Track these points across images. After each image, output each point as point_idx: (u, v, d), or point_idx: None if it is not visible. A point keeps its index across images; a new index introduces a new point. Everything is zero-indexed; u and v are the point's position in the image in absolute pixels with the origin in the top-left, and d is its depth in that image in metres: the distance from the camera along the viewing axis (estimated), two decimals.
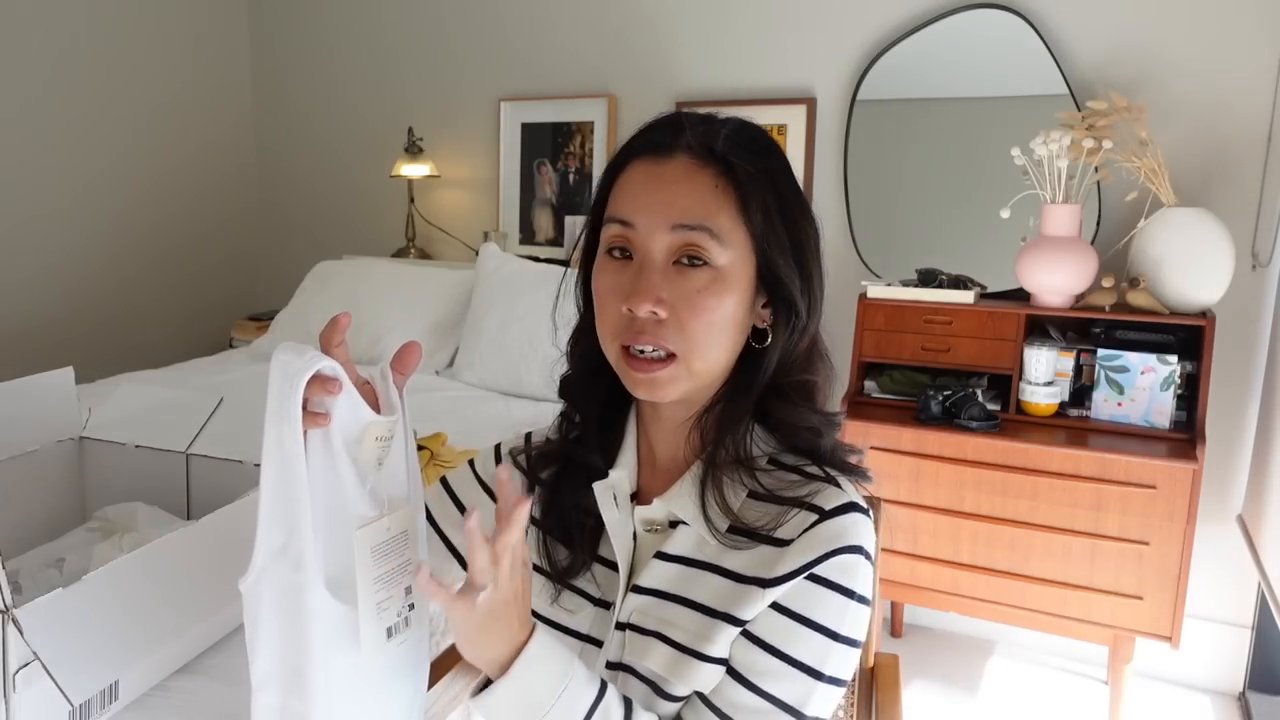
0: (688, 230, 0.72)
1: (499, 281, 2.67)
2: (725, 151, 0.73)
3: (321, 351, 0.67)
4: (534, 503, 0.88)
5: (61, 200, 3.00)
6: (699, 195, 0.73)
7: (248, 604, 0.69)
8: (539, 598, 0.84)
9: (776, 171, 0.76)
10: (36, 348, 2.93)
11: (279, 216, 3.63)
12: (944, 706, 2.23)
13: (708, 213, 0.72)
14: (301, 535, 0.66)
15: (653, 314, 0.72)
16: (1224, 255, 1.98)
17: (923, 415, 2.14)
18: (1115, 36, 2.24)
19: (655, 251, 0.73)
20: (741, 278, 0.75)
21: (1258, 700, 2.20)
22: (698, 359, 0.74)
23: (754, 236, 0.74)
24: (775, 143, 0.80)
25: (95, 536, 1.31)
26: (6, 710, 0.82)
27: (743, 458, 0.77)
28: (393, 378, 0.72)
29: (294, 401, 0.64)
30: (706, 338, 0.73)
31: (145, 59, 3.20)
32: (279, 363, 0.65)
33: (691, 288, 0.73)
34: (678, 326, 0.73)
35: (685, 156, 0.74)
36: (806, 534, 0.72)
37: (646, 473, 0.84)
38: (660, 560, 0.78)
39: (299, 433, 0.65)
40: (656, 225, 0.73)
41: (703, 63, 2.75)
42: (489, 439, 2.04)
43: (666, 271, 0.73)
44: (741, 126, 0.78)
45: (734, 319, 0.75)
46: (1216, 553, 2.25)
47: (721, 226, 0.73)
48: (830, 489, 0.75)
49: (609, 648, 0.79)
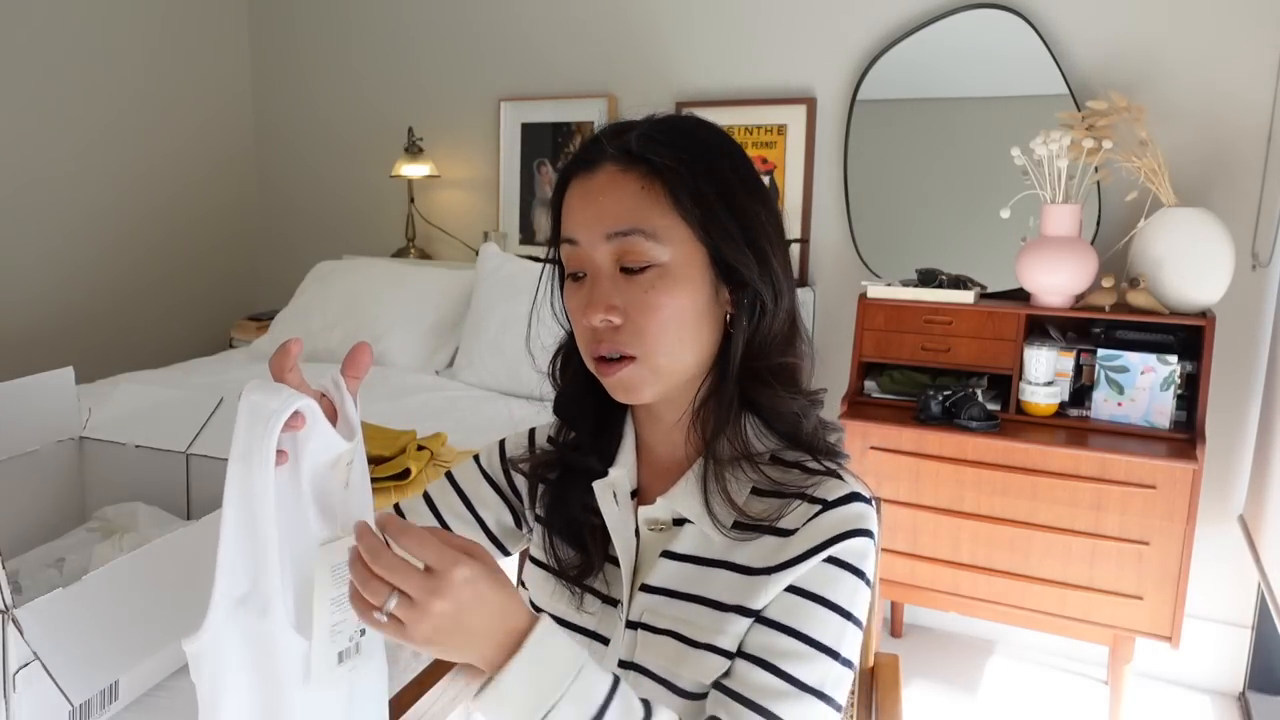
0: (621, 237, 0.74)
1: (499, 281, 2.67)
2: (642, 150, 0.75)
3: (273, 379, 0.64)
4: (540, 502, 0.88)
5: (61, 200, 3.00)
6: (626, 200, 0.74)
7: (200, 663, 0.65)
8: (557, 602, 0.84)
9: (710, 158, 0.76)
10: (36, 348, 2.93)
11: (279, 216, 3.63)
12: (944, 706, 2.23)
13: (637, 215, 0.74)
14: (269, 580, 0.64)
15: (607, 322, 0.74)
16: (1224, 255, 1.98)
17: (923, 415, 2.14)
18: (1115, 36, 2.24)
19: (600, 263, 0.75)
20: (691, 267, 0.75)
21: (1258, 700, 2.20)
22: (660, 356, 0.75)
23: (694, 226, 0.74)
24: (708, 127, 0.79)
25: (95, 536, 1.31)
26: (6, 710, 0.82)
27: (745, 453, 0.77)
28: (346, 384, 0.69)
29: (267, 444, 0.61)
30: (663, 335, 0.74)
31: (145, 59, 3.20)
32: (250, 403, 0.62)
33: (640, 290, 0.74)
34: (634, 330, 0.74)
35: (610, 165, 0.76)
36: (812, 522, 0.74)
37: (647, 472, 0.84)
38: (668, 559, 0.78)
39: (270, 476, 0.62)
40: (594, 238, 0.75)
41: (703, 63, 2.75)
42: (489, 439, 2.04)
43: (615, 279, 0.75)
44: (660, 121, 0.79)
45: (692, 312, 0.75)
46: (1216, 553, 2.25)
47: (654, 225, 0.74)
48: (832, 481, 0.76)
49: (618, 645, 0.79)
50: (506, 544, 0.93)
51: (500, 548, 0.93)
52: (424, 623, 0.59)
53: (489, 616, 0.62)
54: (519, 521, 0.93)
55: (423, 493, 0.94)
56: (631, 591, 0.79)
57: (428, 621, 0.59)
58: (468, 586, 0.60)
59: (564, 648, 0.64)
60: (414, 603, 0.59)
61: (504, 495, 0.92)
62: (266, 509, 0.62)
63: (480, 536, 0.91)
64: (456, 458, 1.80)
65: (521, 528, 0.93)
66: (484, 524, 0.91)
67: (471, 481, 0.93)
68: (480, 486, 0.92)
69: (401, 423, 1.96)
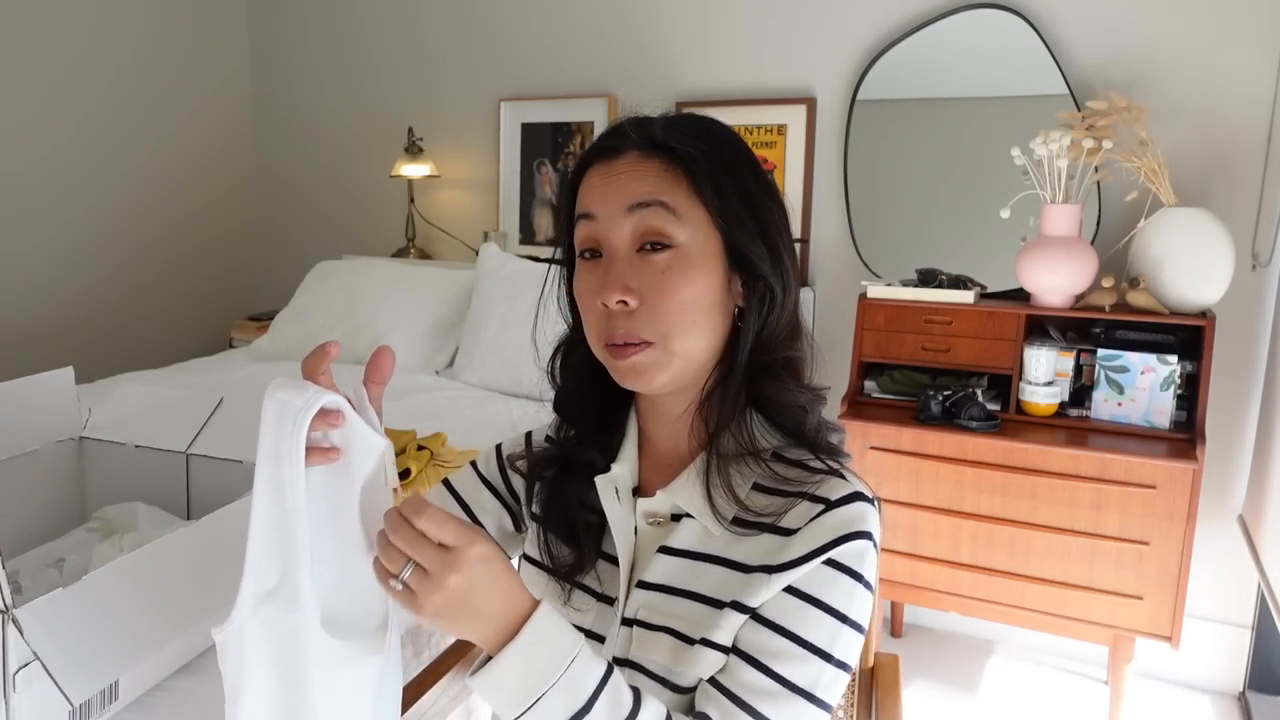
0: (644, 208, 0.75)
1: (499, 281, 2.67)
2: (666, 139, 0.77)
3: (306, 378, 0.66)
4: (536, 499, 0.88)
5: (61, 200, 3.00)
6: (650, 178, 0.76)
7: (228, 652, 0.67)
8: (548, 598, 0.84)
9: (728, 152, 0.79)
10: (36, 348, 2.93)
11: (279, 216, 3.63)
12: (944, 706, 2.23)
13: (661, 189, 0.75)
14: (298, 576, 0.65)
15: (623, 304, 0.75)
16: (1224, 255, 1.98)
17: (923, 415, 2.14)
18: (1115, 36, 2.24)
19: (618, 242, 0.76)
20: (706, 255, 0.76)
21: (1258, 700, 2.20)
22: (675, 340, 0.75)
23: (712, 213, 0.76)
24: (723, 127, 0.81)
25: (95, 536, 1.31)
26: (6, 710, 0.82)
27: (749, 448, 0.77)
28: (369, 391, 0.71)
29: (297, 440, 0.63)
30: (680, 319, 0.75)
31: (145, 59, 3.20)
32: (277, 401, 0.64)
33: (656, 271, 0.75)
34: (649, 313, 0.74)
35: (633, 152, 0.77)
36: (814, 522, 0.74)
37: (649, 468, 0.84)
38: (664, 555, 0.78)
39: (300, 472, 0.64)
40: (614, 211, 0.76)
41: (703, 63, 2.75)
42: (489, 439, 2.04)
43: (632, 260, 0.76)
44: (680, 115, 0.81)
45: (707, 299, 0.76)
46: (1216, 553, 2.25)
47: (677, 201, 0.75)
48: (835, 480, 0.76)
49: (614, 643, 0.79)
50: (507, 548, 0.94)
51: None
52: (435, 594, 0.62)
53: (497, 597, 0.64)
54: (518, 525, 0.94)
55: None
56: (628, 588, 0.79)
57: (439, 594, 0.62)
58: (481, 564, 0.63)
59: (561, 634, 0.66)
60: (428, 575, 0.62)
61: (502, 499, 0.93)
62: (298, 504, 0.64)
63: None
64: (456, 458, 1.80)
65: (520, 530, 0.94)
66: (484, 530, 0.92)
67: (471, 488, 0.94)
68: (479, 492, 0.93)
69: (401, 423, 1.96)
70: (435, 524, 0.62)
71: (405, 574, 0.62)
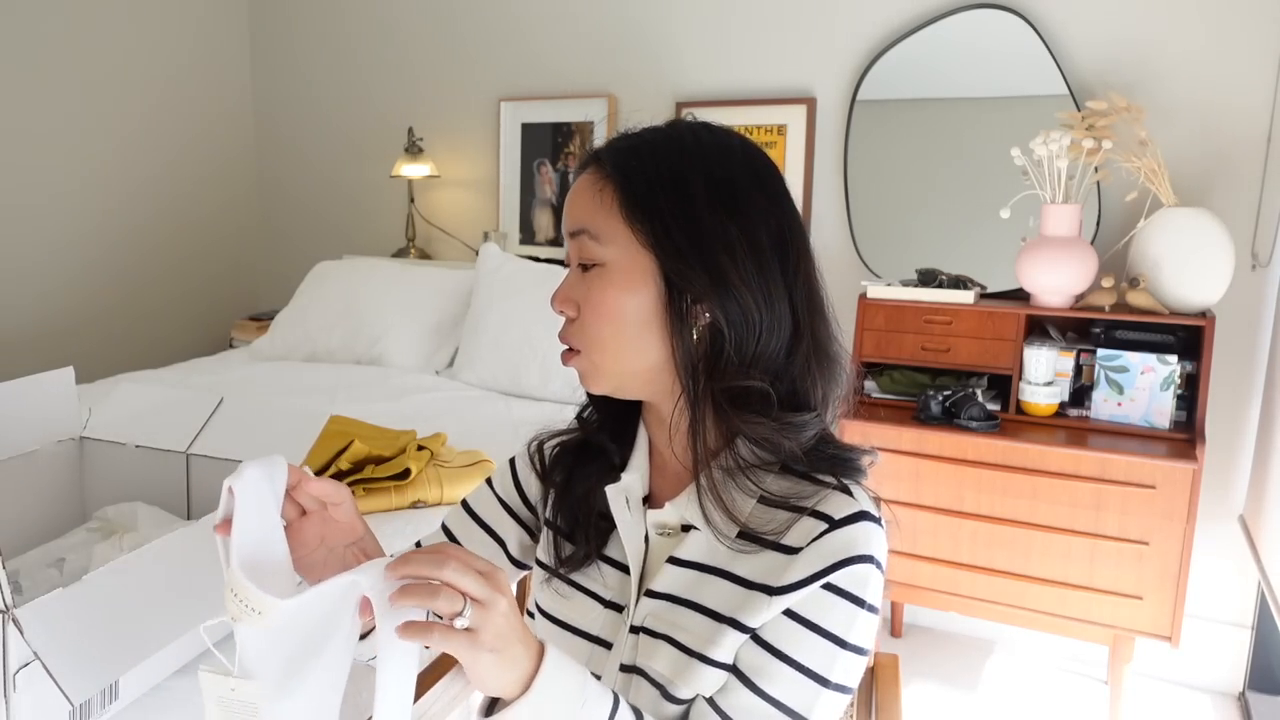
0: (574, 237, 0.78)
1: (499, 281, 2.67)
2: (608, 157, 0.78)
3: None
4: (548, 504, 0.89)
5: (61, 200, 3.00)
6: (584, 202, 0.78)
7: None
8: (556, 602, 0.85)
9: (681, 170, 0.75)
10: (36, 348, 2.93)
11: (279, 216, 3.63)
12: (944, 706, 2.23)
13: (586, 215, 0.77)
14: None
15: (562, 313, 0.80)
16: (1224, 255, 1.98)
17: (923, 415, 2.14)
18: (1115, 36, 2.24)
19: (571, 259, 0.80)
20: (634, 273, 0.75)
21: (1258, 700, 2.20)
22: (597, 353, 0.77)
23: (639, 233, 0.75)
24: (699, 141, 0.78)
25: (95, 536, 1.31)
26: (6, 710, 0.82)
27: (739, 465, 0.76)
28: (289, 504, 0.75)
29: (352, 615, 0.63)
30: (598, 333, 0.76)
31: (144, 58, 3.20)
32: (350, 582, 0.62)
33: (585, 287, 0.77)
34: (580, 325, 0.78)
35: (591, 169, 0.79)
36: (816, 542, 0.72)
37: (658, 477, 0.84)
38: (673, 565, 0.78)
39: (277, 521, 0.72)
40: (567, 235, 0.80)
41: (703, 63, 2.75)
42: (489, 439, 2.05)
43: (577, 275, 0.79)
44: (643, 131, 0.80)
45: (635, 317, 0.75)
46: (1216, 553, 2.25)
47: (599, 226, 0.76)
48: (840, 496, 0.74)
49: (622, 650, 0.79)
50: (528, 562, 0.95)
51: (522, 566, 0.96)
52: (493, 620, 0.60)
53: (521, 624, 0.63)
54: (535, 537, 0.95)
55: (442, 526, 0.97)
56: (637, 596, 0.79)
57: (500, 618, 0.60)
58: (508, 589, 0.62)
59: (569, 679, 0.65)
60: (482, 604, 0.60)
61: (518, 517, 0.94)
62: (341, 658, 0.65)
63: (503, 560, 0.94)
64: (457, 458, 1.80)
65: (537, 542, 0.95)
66: (506, 548, 0.94)
67: (489, 507, 0.95)
68: (497, 511, 0.94)
69: (401, 423, 1.96)
70: (463, 554, 0.61)
71: (468, 611, 0.59)
